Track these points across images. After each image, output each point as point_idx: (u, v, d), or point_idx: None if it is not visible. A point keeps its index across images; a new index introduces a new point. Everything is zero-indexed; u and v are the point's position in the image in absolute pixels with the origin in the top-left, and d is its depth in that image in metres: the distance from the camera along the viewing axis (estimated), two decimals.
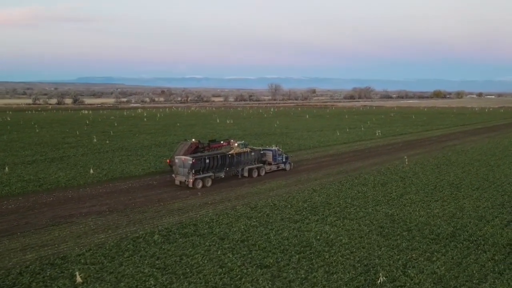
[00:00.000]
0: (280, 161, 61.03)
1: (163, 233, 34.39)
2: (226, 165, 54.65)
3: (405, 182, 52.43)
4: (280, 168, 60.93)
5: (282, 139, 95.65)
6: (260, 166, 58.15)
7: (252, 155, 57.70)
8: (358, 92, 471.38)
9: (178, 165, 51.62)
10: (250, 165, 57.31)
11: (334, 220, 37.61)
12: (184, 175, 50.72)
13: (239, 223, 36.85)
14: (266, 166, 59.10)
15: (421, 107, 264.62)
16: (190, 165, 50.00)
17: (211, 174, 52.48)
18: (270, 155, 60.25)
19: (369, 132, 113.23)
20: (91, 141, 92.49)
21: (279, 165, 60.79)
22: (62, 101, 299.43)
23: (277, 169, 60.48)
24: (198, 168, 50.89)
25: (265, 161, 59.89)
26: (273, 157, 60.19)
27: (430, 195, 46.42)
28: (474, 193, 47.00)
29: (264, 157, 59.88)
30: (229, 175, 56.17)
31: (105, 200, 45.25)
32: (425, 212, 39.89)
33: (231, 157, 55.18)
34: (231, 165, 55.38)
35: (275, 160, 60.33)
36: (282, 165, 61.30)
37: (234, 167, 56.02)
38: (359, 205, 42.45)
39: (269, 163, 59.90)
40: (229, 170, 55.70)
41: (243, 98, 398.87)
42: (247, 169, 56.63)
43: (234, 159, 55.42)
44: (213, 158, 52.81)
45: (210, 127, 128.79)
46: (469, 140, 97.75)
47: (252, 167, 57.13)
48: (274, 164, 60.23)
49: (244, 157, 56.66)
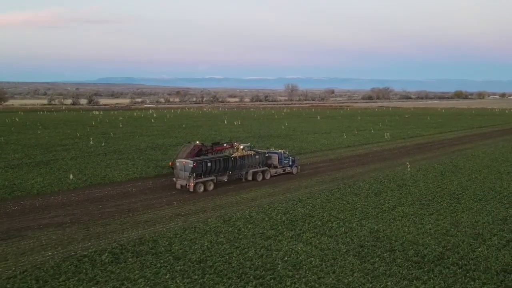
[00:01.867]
0: (286, 164, 59.08)
1: (116, 250, 30.97)
2: (229, 168, 52.49)
3: (401, 192, 48.25)
4: (286, 171, 58.78)
5: (285, 142, 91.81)
6: (265, 169, 56.15)
7: (256, 158, 55.49)
8: (376, 93, 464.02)
9: (179, 168, 49.89)
10: (254, 168, 55.16)
11: (310, 236, 33.76)
12: (185, 179, 49.00)
13: (204, 239, 33.27)
14: (271, 170, 57.11)
15: (439, 108, 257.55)
16: (191, 169, 48.20)
17: (213, 178, 50.50)
18: (275, 158, 58.23)
19: (378, 134, 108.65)
20: (88, 143, 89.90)
21: (285, 168, 58.77)
22: (77, 102, 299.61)
23: (283, 173, 58.35)
24: (200, 172, 48.97)
25: (271, 164, 57.94)
26: (279, 160, 58.20)
27: (425, 207, 42.22)
28: (475, 206, 42.62)
29: (269, 160, 57.91)
30: (233, 178, 53.95)
31: (72, 209, 42.11)
32: (415, 228, 35.77)
33: (234, 160, 52.92)
34: (234, 168, 53.18)
35: (281, 163, 58.36)
36: (289, 168, 59.23)
37: (237, 170, 53.86)
38: (344, 218, 38.51)
39: (274, 166, 57.94)
40: (233, 174, 53.54)
41: (259, 99, 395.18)
42: (251, 173, 54.67)
43: (237, 162, 53.21)
44: (215, 161, 50.94)
45: (215, 128, 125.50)
46: (482, 143, 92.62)
47: (256, 171, 55.11)
48: (280, 167, 58.23)
49: (248, 160, 54.54)
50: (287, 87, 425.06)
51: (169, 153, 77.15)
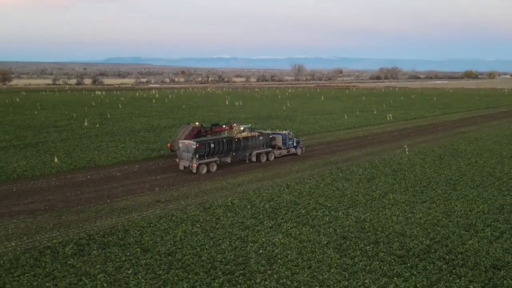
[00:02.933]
0: (290, 146, 58.54)
1: (82, 241, 29.22)
2: (232, 149, 52.11)
3: (395, 177, 46.08)
4: (290, 152, 58.39)
5: (284, 123, 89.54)
6: (269, 150, 55.72)
7: (260, 139, 54.86)
8: (384, 73, 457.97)
9: (182, 149, 49.71)
10: (258, 149, 54.67)
11: (291, 227, 31.82)
12: (188, 160, 48.86)
13: (178, 229, 31.44)
14: (275, 151, 56.68)
15: (447, 89, 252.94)
16: (194, 150, 47.93)
17: (216, 159, 50.32)
18: (280, 139, 57.65)
19: (380, 116, 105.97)
20: (82, 124, 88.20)
21: (289, 150, 58.31)
22: (81, 82, 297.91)
23: (287, 154, 58.05)
24: (203, 153, 48.81)
25: (275, 145, 57.55)
26: (283, 141, 57.67)
27: (419, 194, 40.08)
28: (471, 193, 40.41)
29: (273, 141, 57.48)
30: (236, 160, 53.77)
31: (49, 195, 40.42)
32: (404, 218, 33.70)
33: (238, 142, 52.34)
34: (238, 149, 52.78)
35: (285, 145, 57.88)
36: (293, 149, 58.68)
37: (241, 151, 53.45)
38: (331, 206, 36.51)
39: (279, 148, 57.53)
40: (236, 155, 53.27)
41: (265, 79, 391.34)
42: (255, 154, 54.26)
43: (241, 144, 52.64)
44: (218, 142, 50.52)
45: (216, 109, 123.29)
46: (487, 125, 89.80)
47: (260, 152, 54.65)
48: (284, 148, 57.77)
49: (252, 141, 53.97)
50: (294, 67, 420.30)
51: (162, 135, 75.39)
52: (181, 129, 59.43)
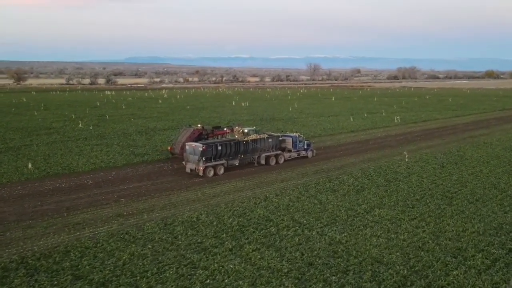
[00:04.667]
0: (301, 148, 57.33)
1: (12, 265, 25.93)
2: (240, 152, 50.83)
3: (387, 189, 41.97)
4: (301, 155, 57.12)
5: (285, 126, 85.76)
6: (278, 153, 54.44)
7: (269, 141, 53.60)
8: (402, 72, 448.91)
9: (188, 152, 48.78)
10: (267, 152, 53.32)
11: (253, 249, 28.10)
12: (194, 163, 47.72)
13: (126, 250, 27.95)
14: (285, 154, 55.41)
15: (464, 89, 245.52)
16: (201, 152, 46.89)
17: (223, 162, 49.09)
18: (290, 142, 56.35)
19: (389, 118, 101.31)
20: (76, 126, 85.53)
21: (300, 152, 57.15)
22: (95, 81, 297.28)
23: (298, 157, 56.77)
24: (209, 156, 47.64)
25: (285, 148, 56.09)
26: (293, 143, 56.39)
27: (409, 209, 35.97)
28: (468, 208, 36.15)
29: (283, 144, 55.99)
30: (245, 162, 52.22)
31: (5, 206, 37.41)
32: (386, 239, 29.69)
33: (246, 144, 51.11)
34: (246, 152, 51.52)
35: (295, 147, 56.68)
36: (304, 152, 57.46)
37: (249, 154, 52.13)
38: (306, 224, 32.68)
39: (289, 150, 56.22)
40: (244, 158, 51.87)
41: (280, 78, 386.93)
42: (264, 157, 53.02)
43: (249, 146, 51.45)
44: (225, 144, 49.34)
45: (220, 110, 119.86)
46: (500, 129, 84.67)
47: (269, 155, 53.49)
48: (294, 151, 56.53)
49: (261, 144, 52.69)
50: (309, 66, 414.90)
51: (154, 138, 72.24)
52: (182, 132, 57.86)
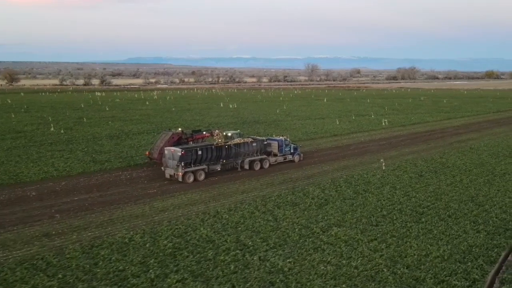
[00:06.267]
0: (287, 152, 55.30)
1: None
2: (222, 157, 48.95)
3: (354, 202, 38.18)
4: (287, 159, 55.21)
5: (266, 130, 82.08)
6: (263, 158, 52.46)
7: (253, 146, 51.65)
8: (401, 73, 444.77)
9: (167, 157, 46.88)
10: (251, 156, 51.31)
11: (177, 279, 24.37)
12: (173, 168, 45.83)
13: (29, 283, 24.21)
14: (271, 158, 53.57)
15: (462, 90, 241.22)
16: (179, 157, 44.98)
17: (204, 167, 47.16)
18: (275, 146, 54.56)
19: (376, 121, 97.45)
20: (48, 130, 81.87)
21: (286, 157, 55.21)
22: (89, 82, 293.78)
23: (284, 161, 54.87)
24: (189, 161, 45.76)
25: (270, 152, 54.37)
26: (279, 147, 54.58)
27: (371, 228, 32.19)
28: (437, 226, 32.37)
29: (269, 148, 54.33)
30: (227, 168, 50.30)
31: None
32: (335, 267, 25.90)
33: (229, 148, 49.30)
34: (228, 157, 49.67)
35: (281, 151, 54.80)
36: (290, 156, 55.49)
37: (232, 159, 50.30)
38: (250, 246, 28.95)
39: (274, 155, 54.53)
40: (226, 163, 49.95)
41: (278, 79, 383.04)
42: (248, 161, 51.01)
43: (231, 151, 49.61)
44: (206, 149, 47.53)
45: (205, 113, 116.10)
46: (491, 132, 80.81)
47: (253, 159, 51.42)
48: (280, 155, 54.69)
49: (245, 148, 50.87)
50: (307, 67, 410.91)
51: (125, 143, 68.63)
52: (161, 135, 55.28)
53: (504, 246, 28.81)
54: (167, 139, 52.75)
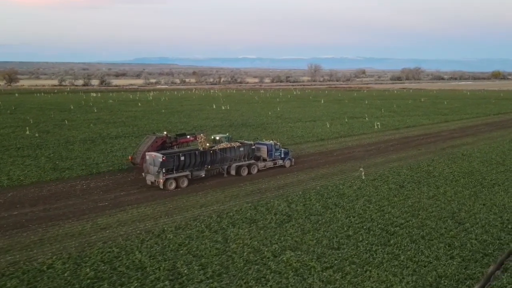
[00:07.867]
0: (277, 157, 52.92)
1: None
2: (207, 162, 46.46)
3: (320, 219, 34.21)
4: (278, 165, 52.66)
5: (253, 133, 78.31)
6: (251, 163, 50.03)
7: (241, 150, 49.17)
8: (406, 73, 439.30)
9: (148, 162, 44.45)
10: (238, 162, 48.86)
11: None
12: (154, 174, 43.48)
13: None
14: (259, 163, 51.16)
15: (465, 91, 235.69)
16: (160, 163, 42.59)
17: (187, 173, 44.89)
18: (264, 150, 52.29)
19: (370, 124, 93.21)
20: (23, 133, 78.44)
21: (276, 162, 52.76)
22: (88, 83, 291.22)
23: (273, 166, 52.26)
24: (171, 167, 43.48)
25: (259, 157, 52.09)
26: (268, 152, 52.28)
27: (329, 253, 28.20)
28: (406, 251, 28.32)
29: (258, 153, 51.94)
30: (213, 173, 48.01)
31: None
32: None
33: (214, 153, 46.71)
34: (213, 162, 47.21)
35: (270, 156, 52.42)
36: (280, 161, 53.09)
37: (218, 164, 47.92)
38: (184, 275, 25.14)
39: (263, 159, 52.20)
40: (212, 168, 47.62)
41: (280, 80, 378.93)
42: (235, 167, 48.59)
43: (217, 156, 47.04)
44: (189, 154, 45.05)
45: (194, 115, 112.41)
46: (487, 136, 76.42)
47: (241, 164, 48.96)
48: (269, 160, 52.29)
49: (231, 152, 48.42)
50: (310, 67, 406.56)
51: (99, 148, 65.26)
52: (145, 140, 52.64)
53: (478, 278, 24.69)
54: (151, 144, 50.09)
